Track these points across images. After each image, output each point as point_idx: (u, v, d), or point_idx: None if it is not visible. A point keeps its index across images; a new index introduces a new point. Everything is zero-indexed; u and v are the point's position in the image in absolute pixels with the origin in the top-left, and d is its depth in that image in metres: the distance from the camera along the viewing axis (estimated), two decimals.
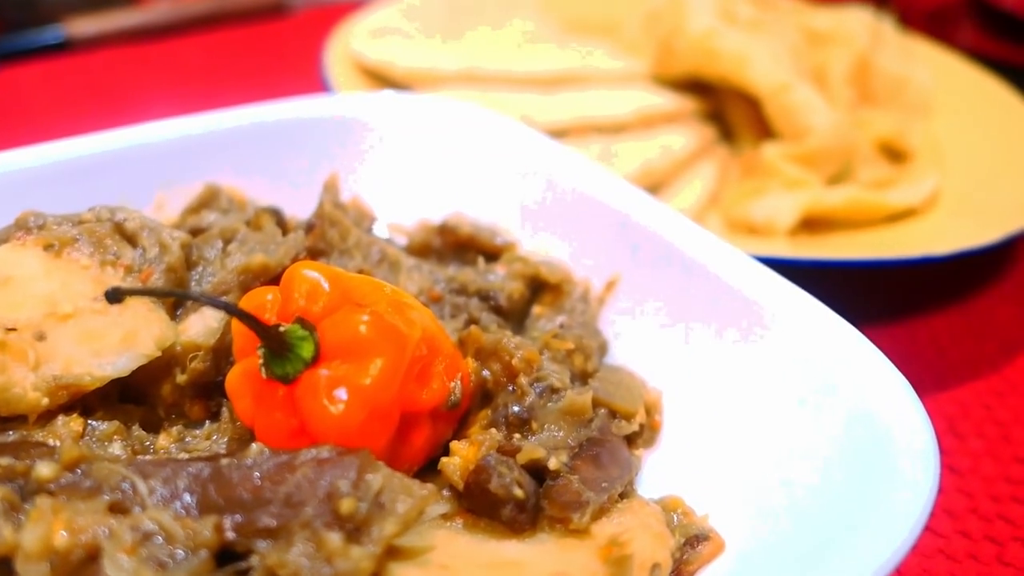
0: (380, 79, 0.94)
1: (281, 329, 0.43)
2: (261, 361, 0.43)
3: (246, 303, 0.46)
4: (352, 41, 0.97)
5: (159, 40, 1.28)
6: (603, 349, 0.58)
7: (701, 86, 1.00)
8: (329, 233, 0.59)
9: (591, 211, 0.63)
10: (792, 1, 1.15)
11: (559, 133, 0.92)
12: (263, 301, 0.46)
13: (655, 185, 0.90)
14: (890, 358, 0.47)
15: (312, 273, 0.45)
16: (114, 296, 0.43)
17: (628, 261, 0.61)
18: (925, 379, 0.74)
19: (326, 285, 0.45)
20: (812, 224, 0.83)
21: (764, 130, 0.94)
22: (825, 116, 0.85)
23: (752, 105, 0.95)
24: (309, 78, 1.04)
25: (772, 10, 1.13)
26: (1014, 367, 0.76)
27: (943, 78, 1.07)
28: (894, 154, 1.02)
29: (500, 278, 0.59)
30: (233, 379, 0.46)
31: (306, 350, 0.43)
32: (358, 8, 1.12)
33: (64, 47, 1.19)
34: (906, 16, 1.46)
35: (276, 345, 0.43)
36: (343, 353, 0.43)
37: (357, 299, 0.45)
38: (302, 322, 0.44)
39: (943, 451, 0.60)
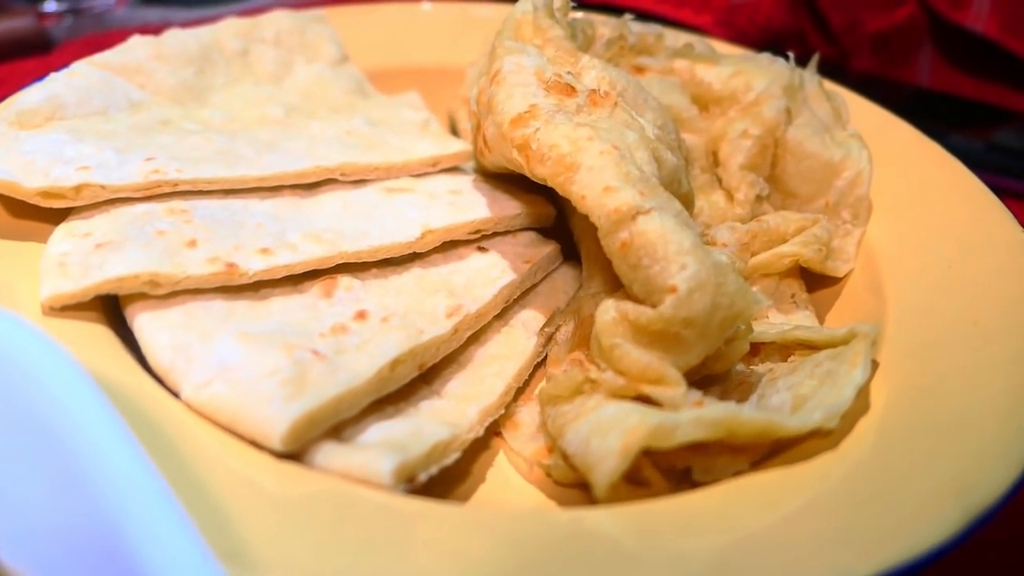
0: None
1: None
2: None
3: None
4: None
5: None
6: None
7: None
8: None
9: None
10: (685, 43, 0.82)
11: (308, 276, 0.60)
12: None
13: (434, 369, 0.57)
14: None
15: None
16: None
17: None
18: None
19: None
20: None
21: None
22: (692, 266, 0.52)
23: None
24: None
25: (651, 56, 0.81)
26: None
27: (890, 156, 0.75)
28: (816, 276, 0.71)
29: None
30: None
31: None
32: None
33: None
34: (848, 43, 1.14)
35: None
36: None
37: None
38: None
39: None
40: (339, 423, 0.50)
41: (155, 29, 0.81)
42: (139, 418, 0.46)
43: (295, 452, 0.47)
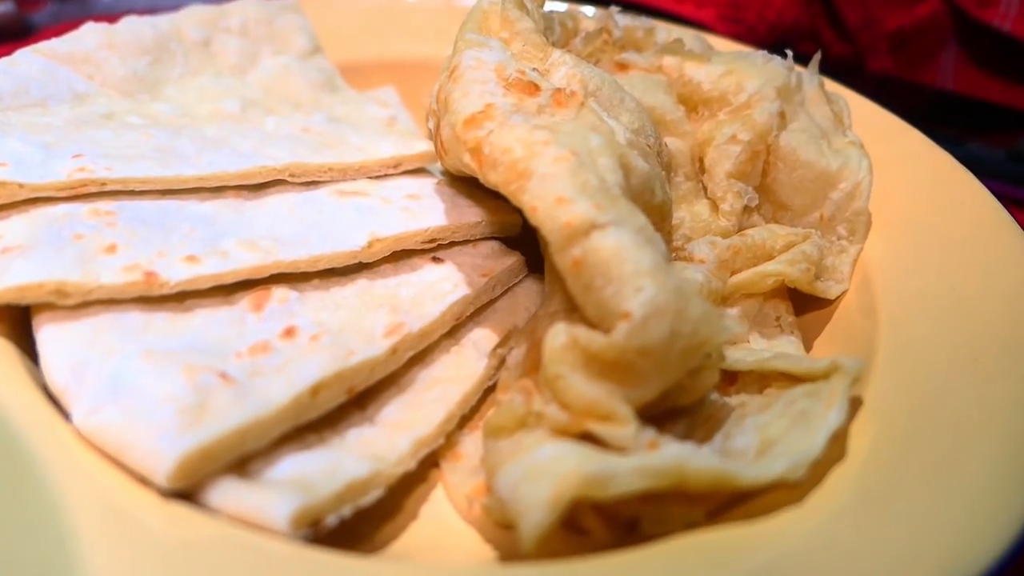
0: None
1: None
2: None
3: None
4: None
5: None
6: None
7: None
8: None
9: None
10: (676, 38, 0.76)
11: (242, 286, 0.55)
12: None
13: (371, 392, 0.52)
14: None
15: None
16: None
17: None
18: None
19: None
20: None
21: None
22: (650, 289, 0.46)
23: None
24: None
25: (638, 52, 0.75)
26: None
27: (894, 166, 0.68)
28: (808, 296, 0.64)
29: None
30: None
31: None
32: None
33: None
34: (864, 42, 1.07)
35: None
36: None
37: None
38: None
39: None
40: (248, 454, 0.45)
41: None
42: (15, 444, 0.42)
43: (189, 489, 0.42)
